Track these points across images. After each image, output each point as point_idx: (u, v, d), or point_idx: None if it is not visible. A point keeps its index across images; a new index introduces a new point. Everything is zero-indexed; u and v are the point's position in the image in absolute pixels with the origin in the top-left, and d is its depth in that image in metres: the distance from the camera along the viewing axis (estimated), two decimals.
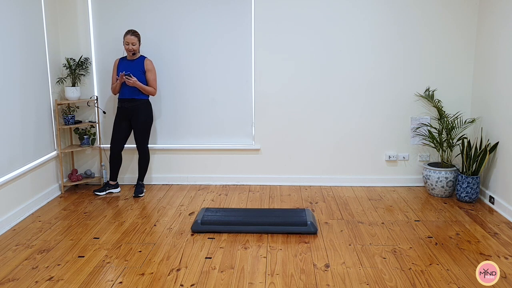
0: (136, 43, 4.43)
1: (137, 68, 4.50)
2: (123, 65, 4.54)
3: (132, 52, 4.45)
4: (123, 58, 4.56)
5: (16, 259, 3.28)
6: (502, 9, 4.17)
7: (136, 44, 4.43)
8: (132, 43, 4.41)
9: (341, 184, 5.00)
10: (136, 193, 4.67)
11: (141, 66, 4.51)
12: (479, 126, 4.59)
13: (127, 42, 4.40)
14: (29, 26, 4.26)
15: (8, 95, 3.92)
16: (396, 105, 4.84)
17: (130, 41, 4.40)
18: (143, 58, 4.54)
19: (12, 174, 3.95)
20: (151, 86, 4.55)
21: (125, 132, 4.62)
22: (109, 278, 3.00)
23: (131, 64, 4.52)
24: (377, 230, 3.75)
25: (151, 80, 4.54)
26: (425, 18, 4.66)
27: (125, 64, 4.54)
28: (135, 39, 4.42)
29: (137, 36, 4.44)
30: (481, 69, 4.57)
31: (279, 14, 4.74)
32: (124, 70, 4.49)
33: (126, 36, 4.40)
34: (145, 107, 4.56)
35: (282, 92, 4.88)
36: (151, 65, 4.55)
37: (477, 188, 4.33)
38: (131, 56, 4.51)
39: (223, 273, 3.06)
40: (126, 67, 4.52)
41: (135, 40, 4.42)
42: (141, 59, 4.53)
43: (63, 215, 4.16)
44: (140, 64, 4.52)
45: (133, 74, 4.46)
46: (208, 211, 3.95)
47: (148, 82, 4.54)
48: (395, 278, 2.97)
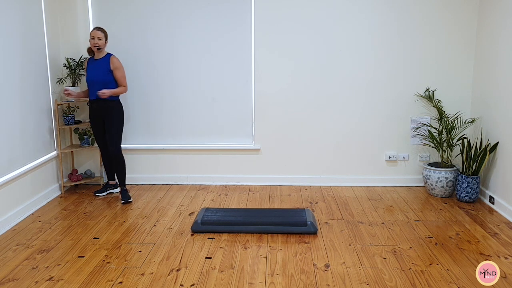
0: (102, 38, 4.26)
1: (103, 67, 4.33)
2: (91, 66, 4.40)
3: (97, 47, 4.24)
4: (91, 58, 4.41)
5: (16, 259, 3.28)
6: (502, 9, 4.17)
7: (102, 39, 4.25)
8: (98, 37, 4.22)
9: (341, 184, 5.00)
10: (124, 198, 4.47)
11: (107, 65, 4.33)
12: (479, 126, 4.59)
13: (92, 36, 4.23)
14: (29, 26, 4.26)
15: (8, 95, 3.92)
16: (396, 105, 4.84)
17: (96, 35, 4.21)
18: (108, 56, 4.35)
19: (12, 174, 3.95)
20: (121, 85, 4.39)
21: (103, 130, 4.52)
22: (109, 278, 3.00)
23: (98, 63, 4.36)
24: (377, 230, 3.75)
25: (119, 78, 4.36)
26: (425, 18, 4.66)
27: (92, 65, 4.39)
28: (101, 34, 4.26)
29: (103, 32, 4.29)
30: (481, 69, 4.57)
31: (279, 14, 4.74)
32: (91, 71, 4.35)
33: (92, 31, 4.25)
34: (116, 107, 4.41)
35: (282, 92, 4.88)
36: (118, 62, 4.35)
37: (477, 188, 4.33)
38: (97, 52, 4.33)
39: (223, 273, 3.06)
40: (93, 68, 4.36)
41: (101, 34, 4.25)
42: (107, 57, 4.35)
43: (63, 215, 4.15)
44: (106, 63, 4.33)
45: (100, 74, 4.31)
46: (208, 211, 3.95)
47: (117, 81, 4.38)
48: (395, 278, 2.97)
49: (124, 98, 4.97)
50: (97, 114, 4.44)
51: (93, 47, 4.27)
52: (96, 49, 4.26)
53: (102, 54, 4.34)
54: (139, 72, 4.92)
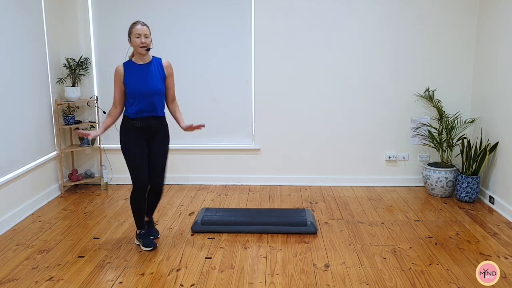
0: (149, 36, 3.27)
1: (155, 74, 3.33)
2: (134, 73, 3.28)
3: (145, 48, 3.23)
4: (129, 63, 3.32)
5: (16, 259, 3.28)
6: (502, 9, 4.17)
7: (149, 37, 3.26)
8: (144, 34, 3.22)
9: (341, 184, 5.00)
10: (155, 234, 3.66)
11: (159, 70, 3.35)
12: (479, 126, 4.59)
13: (138, 34, 3.21)
14: (29, 26, 4.26)
15: (8, 95, 3.92)
16: (396, 105, 4.84)
17: (142, 32, 3.21)
18: (159, 60, 3.39)
19: (12, 174, 3.95)
20: (173, 98, 3.49)
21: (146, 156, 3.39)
22: (109, 278, 3.00)
23: (145, 69, 3.30)
24: (377, 230, 3.75)
25: (172, 87, 3.46)
26: (426, 18, 4.66)
27: (136, 72, 3.29)
28: (148, 30, 3.26)
29: (148, 27, 3.30)
30: (481, 69, 4.57)
31: (279, 15, 4.74)
32: (138, 80, 3.27)
33: (136, 27, 3.22)
34: (167, 125, 3.49)
35: (282, 92, 4.88)
36: (172, 67, 3.45)
37: (477, 188, 4.34)
38: (143, 55, 3.29)
39: (223, 273, 3.06)
40: (140, 75, 3.29)
41: (148, 31, 3.25)
42: (157, 61, 3.38)
43: (63, 215, 4.16)
44: (157, 68, 3.35)
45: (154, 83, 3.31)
46: (208, 211, 3.95)
47: (169, 91, 3.45)
48: (395, 278, 2.97)
49: None
50: (143, 134, 3.35)
51: (140, 48, 3.24)
52: (145, 50, 3.26)
53: (148, 57, 3.35)
54: None
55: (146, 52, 3.27)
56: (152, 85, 3.30)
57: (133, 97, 3.27)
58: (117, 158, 5.06)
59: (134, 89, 3.26)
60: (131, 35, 3.24)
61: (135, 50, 3.29)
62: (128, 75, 3.29)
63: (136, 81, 3.27)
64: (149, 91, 3.28)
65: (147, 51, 3.27)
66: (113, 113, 3.36)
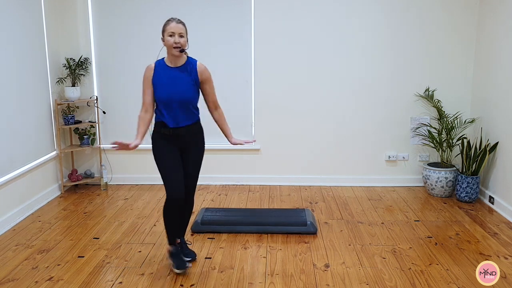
0: (185, 35, 2.89)
1: (187, 79, 2.95)
2: (165, 76, 2.94)
3: (179, 49, 2.86)
4: (161, 64, 2.97)
5: (16, 259, 3.28)
6: (502, 9, 4.17)
7: (184, 36, 2.88)
8: (179, 33, 2.85)
9: (341, 184, 5.01)
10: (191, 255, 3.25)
11: (192, 75, 2.97)
12: (479, 126, 4.59)
13: (172, 32, 2.84)
14: (29, 26, 4.26)
15: (8, 95, 3.92)
16: (396, 105, 4.84)
17: (177, 30, 2.84)
18: (193, 62, 2.99)
19: (12, 174, 3.95)
20: (215, 105, 3.16)
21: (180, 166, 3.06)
22: (109, 278, 3.00)
23: (177, 73, 2.94)
24: (377, 230, 3.75)
25: (211, 94, 3.07)
26: (425, 18, 4.66)
27: (167, 75, 2.94)
28: (184, 29, 2.88)
29: (185, 25, 2.92)
30: (480, 69, 4.57)
31: (279, 15, 4.74)
32: (169, 85, 2.92)
33: (169, 25, 2.86)
34: (202, 132, 3.22)
35: (282, 92, 4.88)
36: (208, 71, 3.02)
37: (476, 188, 4.34)
38: (177, 57, 2.92)
39: (223, 273, 3.06)
40: (171, 80, 2.93)
41: (183, 29, 2.87)
42: (191, 64, 2.98)
43: (63, 215, 4.16)
44: (190, 72, 2.97)
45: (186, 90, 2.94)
46: (208, 211, 3.95)
47: (208, 98, 3.09)
48: (395, 278, 2.97)
49: (123, 98, 4.97)
50: (175, 142, 3.03)
51: (173, 49, 2.86)
52: (178, 51, 2.87)
53: (182, 59, 2.97)
54: (139, 72, 4.91)
55: (179, 54, 2.89)
56: (181, 93, 2.92)
57: (160, 103, 2.94)
58: (117, 158, 5.06)
59: (161, 94, 2.92)
60: (164, 33, 2.88)
61: (167, 51, 2.93)
62: (158, 76, 2.94)
63: (164, 86, 2.91)
64: (177, 100, 2.92)
65: (181, 53, 2.89)
66: (144, 118, 2.96)
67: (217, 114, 3.19)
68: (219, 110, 3.18)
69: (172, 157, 2.99)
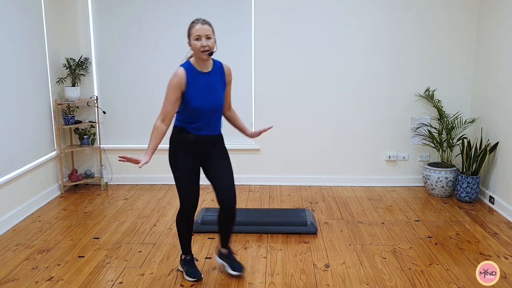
0: (212, 36, 2.69)
1: (219, 84, 2.81)
2: (198, 83, 2.73)
3: (208, 53, 2.66)
4: (191, 69, 2.73)
5: (16, 259, 3.28)
6: (502, 9, 4.17)
7: (212, 38, 2.68)
8: (206, 35, 2.65)
9: (341, 184, 5.00)
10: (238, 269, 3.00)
11: (221, 79, 2.83)
12: (479, 126, 4.59)
13: (198, 35, 2.64)
14: (29, 26, 4.26)
15: (8, 95, 3.92)
16: (396, 105, 4.84)
17: (204, 32, 2.64)
18: (219, 65, 2.84)
19: (12, 174, 3.95)
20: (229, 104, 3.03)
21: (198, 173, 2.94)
22: (109, 278, 3.00)
23: (209, 79, 2.76)
24: (377, 230, 3.75)
25: (230, 95, 2.99)
26: (426, 18, 4.66)
27: (200, 82, 2.73)
28: (211, 30, 2.68)
29: (211, 26, 2.71)
30: (481, 69, 4.57)
31: (279, 15, 4.74)
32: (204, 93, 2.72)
33: (195, 27, 2.66)
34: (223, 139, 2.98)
35: (282, 92, 4.88)
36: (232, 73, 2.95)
37: (477, 188, 4.33)
38: (206, 61, 2.73)
39: (223, 273, 3.06)
40: (205, 87, 2.74)
41: (210, 31, 2.67)
42: (218, 67, 2.83)
43: (63, 215, 4.15)
44: (220, 76, 2.82)
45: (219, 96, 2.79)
46: (208, 211, 3.95)
47: (227, 99, 2.98)
48: (395, 278, 2.97)
49: (123, 98, 4.97)
50: (197, 149, 2.84)
51: (201, 53, 2.66)
52: (207, 55, 2.67)
53: (210, 62, 2.79)
54: (138, 72, 4.92)
55: (208, 58, 2.69)
56: (217, 100, 2.76)
57: (195, 115, 2.72)
58: (117, 158, 5.06)
59: (197, 105, 2.69)
60: (190, 36, 2.67)
61: (195, 55, 2.71)
62: (191, 85, 2.69)
63: (201, 94, 2.70)
64: (213, 108, 2.75)
65: (210, 56, 2.68)
66: (159, 129, 2.71)
67: (230, 112, 3.04)
68: (231, 109, 3.05)
69: (192, 165, 2.82)
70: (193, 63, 2.73)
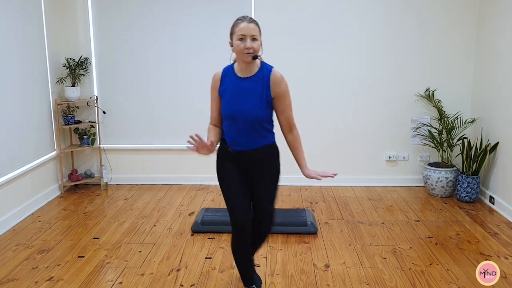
0: (259, 37, 2.35)
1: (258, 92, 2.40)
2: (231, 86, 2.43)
3: (251, 56, 2.33)
4: (229, 70, 2.49)
5: (16, 259, 3.28)
6: (502, 9, 4.16)
7: (258, 39, 2.35)
8: (251, 36, 2.32)
9: (341, 184, 5.00)
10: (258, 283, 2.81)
11: (264, 87, 2.40)
12: (479, 126, 4.58)
13: (242, 35, 2.32)
14: (29, 26, 4.26)
15: (8, 95, 3.91)
16: (396, 105, 4.84)
17: (249, 32, 2.31)
18: (267, 70, 2.42)
19: (12, 174, 3.95)
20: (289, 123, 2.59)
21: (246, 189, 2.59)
22: (109, 278, 2.99)
23: (247, 84, 2.41)
24: (377, 230, 3.75)
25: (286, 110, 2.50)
26: (426, 18, 4.66)
27: (234, 86, 2.43)
28: (257, 30, 2.35)
29: (258, 25, 2.38)
30: (481, 69, 4.57)
31: (279, 15, 4.74)
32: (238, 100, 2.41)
33: (239, 25, 2.34)
34: (276, 154, 2.77)
35: None
36: (284, 82, 2.43)
37: (477, 188, 4.33)
38: (248, 65, 2.39)
39: (223, 273, 3.06)
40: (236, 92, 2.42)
41: (256, 30, 2.34)
42: (264, 73, 2.42)
43: (63, 215, 4.15)
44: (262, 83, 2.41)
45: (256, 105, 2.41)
46: (208, 211, 3.95)
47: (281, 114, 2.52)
48: (395, 278, 2.96)
49: (123, 98, 4.96)
50: (242, 163, 2.57)
51: (244, 55, 2.35)
52: (250, 57, 2.34)
53: (255, 67, 2.43)
54: (139, 72, 4.91)
55: (252, 61, 2.35)
56: (248, 110, 2.38)
57: (227, 124, 2.46)
58: (117, 158, 5.06)
59: (224, 110, 2.43)
60: (232, 36, 2.37)
61: (237, 57, 2.40)
62: (224, 87, 2.44)
63: (230, 100, 2.40)
64: (243, 118, 2.39)
65: (254, 60, 2.34)
66: (214, 128, 2.53)
67: (291, 136, 2.59)
68: (294, 132, 2.57)
69: (237, 180, 2.50)
70: (235, 66, 2.48)
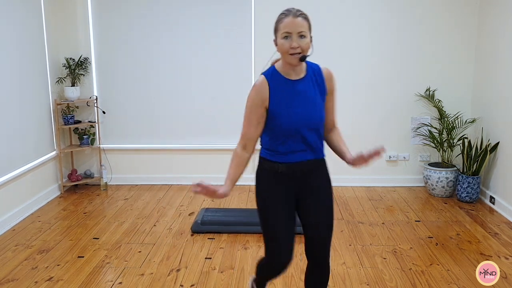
0: (308, 35, 2.02)
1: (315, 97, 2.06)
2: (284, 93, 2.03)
3: (299, 56, 1.96)
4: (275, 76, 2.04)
5: (16, 259, 3.28)
6: (502, 9, 4.16)
7: (307, 37, 2.01)
8: (298, 33, 2.00)
9: (341, 184, 5.00)
10: None
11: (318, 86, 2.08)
12: (480, 126, 4.58)
13: (288, 32, 2.00)
14: (29, 26, 4.25)
15: (8, 95, 3.91)
16: (396, 105, 4.84)
17: (295, 28, 2.01)
18: (316, 69, 2.10)
19: (12, 174, 3.94)
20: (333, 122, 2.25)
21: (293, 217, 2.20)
22: (109, 278, 2.99)
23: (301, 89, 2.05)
24: (377, 230, 3.74)
25: (332, 109, 2.20)
26: (426, 18, 4.66)
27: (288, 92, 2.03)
28: (305, 25, 2.04)
29: (307, 20, 2.10)
30: (481, 69, 4.57)
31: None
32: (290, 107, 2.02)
33: (284, 20, 2.07)
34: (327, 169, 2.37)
35: None
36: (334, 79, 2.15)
37: (477, 188, 4.33)
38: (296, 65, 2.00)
39: (223, 273, 3.05)
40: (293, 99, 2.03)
41: (304, 26, 2.03)
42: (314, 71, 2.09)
43: (62, 215, 4.15)
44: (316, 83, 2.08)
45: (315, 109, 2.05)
46: (208, 211, 3.95)
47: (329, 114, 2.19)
48: (395, 278, 2.96)
49: (123, 98, 4.96)
50: (291, 182, 2.16)
51: (289, 56, 1.97)
52: (297, 59, 1.97)
53: (302, 67, 2.08)
54: (138, 72, 4.91)
55: (299, 63, 1.98)
56: (314, 113, 2.04)
57: (285, 135, 2.05)
58: (116, 158, 5.06)
59: (288, 123, 2.02)
60: (277, 33, 2.03)
61: (282, 57, 2.02)
62: (276, 97, 2.02)
63: (289, 108, 2.02)
64: (309, 124, 2.05)
65: (302, 61, 1.97)
66: (241, 157, 2.13)
67: (333, 134, 2.27)
68: (337, 128, 2.28)
69: (285, 207, 2.13)
70: (278, 67, 2.05)
